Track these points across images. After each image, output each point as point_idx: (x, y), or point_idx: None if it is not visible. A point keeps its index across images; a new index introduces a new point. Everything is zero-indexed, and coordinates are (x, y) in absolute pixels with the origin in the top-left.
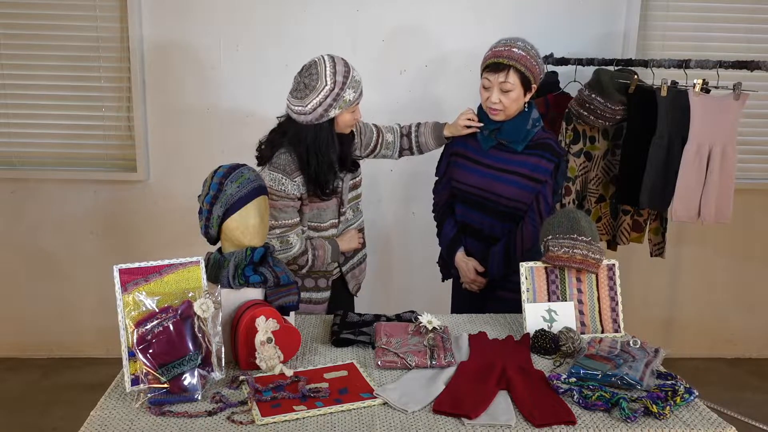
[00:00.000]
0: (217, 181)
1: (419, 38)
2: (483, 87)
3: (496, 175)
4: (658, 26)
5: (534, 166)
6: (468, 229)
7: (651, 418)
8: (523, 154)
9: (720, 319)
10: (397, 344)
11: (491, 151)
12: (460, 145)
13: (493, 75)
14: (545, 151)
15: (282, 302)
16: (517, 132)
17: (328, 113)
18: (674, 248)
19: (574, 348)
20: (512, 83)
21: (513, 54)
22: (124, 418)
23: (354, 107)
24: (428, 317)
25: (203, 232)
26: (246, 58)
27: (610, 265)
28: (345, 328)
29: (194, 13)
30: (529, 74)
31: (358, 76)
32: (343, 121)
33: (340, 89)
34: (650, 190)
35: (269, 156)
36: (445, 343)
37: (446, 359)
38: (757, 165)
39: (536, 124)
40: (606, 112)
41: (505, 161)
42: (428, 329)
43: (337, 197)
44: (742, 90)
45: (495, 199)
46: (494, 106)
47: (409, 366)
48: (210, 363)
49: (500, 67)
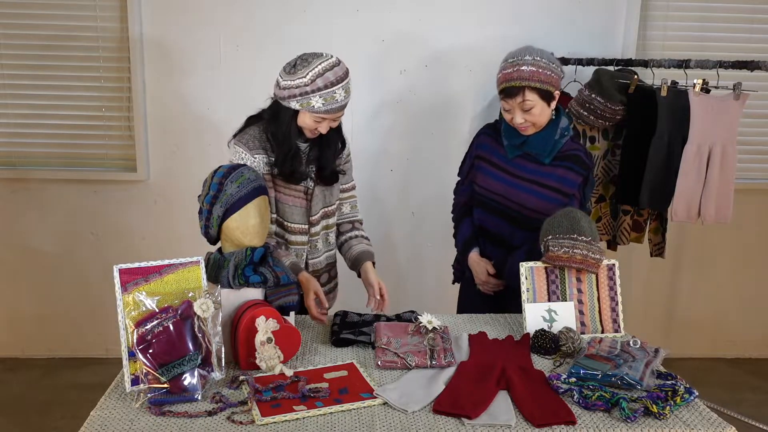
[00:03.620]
0: (217, 181)
1: (419, 38)
2: (504, 110)
3: (521, 184)
4: (658, 26)
5: (561, 179)
6: (486, 234)
7: (651, 418)
8: (551, 166)
9: (720, 319)
10: (397, 344)
11: (517, 160)
12: (486, 148)
13: (510, 99)
14: (574, 163)
15: (282, 302)
16: (544, 144)
17: (289, 102)
18: (674, 248)
19: (574, 348)
20: (532, 101)
21: (523, 74)
22: (124, 418)
23: (319, 118)
24: (428, 317)
25: (203, 232)
26: (246, 58)
27: (610, 265)
28: (345, 328)
29: (194, 13)
30: (547, 87)
31: (339, 96)
32: (302, 120)
33: (312, 91)
34: (650, 190)
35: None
36: (445, 342)
37: (446, 359)
38: (757, 165)
39: (565, 134)
40: (606, 112)
41: (531, 171)
42: (428, 329)
43: (306, 199)
44: (742, 90)
45: (517, 208)
46: (521, 126)
47: (409, 366)
48: (210, 363)
49: (515, 90)
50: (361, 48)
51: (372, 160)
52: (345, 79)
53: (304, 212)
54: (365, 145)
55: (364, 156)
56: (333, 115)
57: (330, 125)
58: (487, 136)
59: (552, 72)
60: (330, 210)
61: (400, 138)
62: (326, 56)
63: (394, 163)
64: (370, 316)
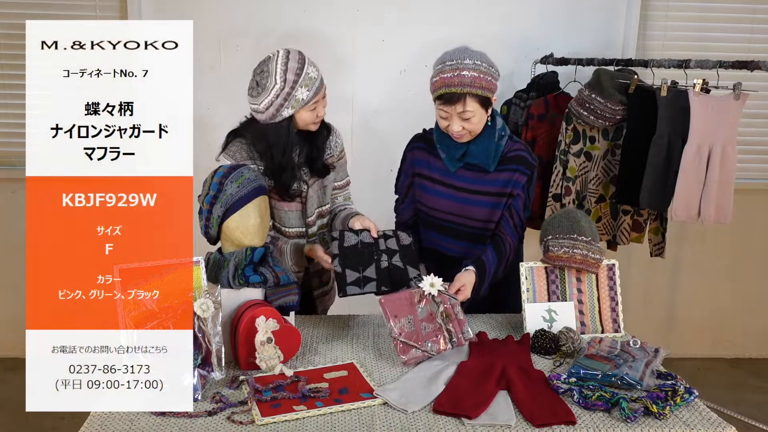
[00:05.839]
0: (217, 181)
1: (419, 38)
2: (440, 116)
3: (466, 198)
4: (658, 26)
5: (506, 182)
6: (440, 257)
7: (651, 418)
8: (495, 171)
9: (720, 319)
10: (410, 324)
11: (459, 172)
12: (422, 164)
13: (449, 106)
14: (519, 164)
15: (282, 302)
16: (486, 153)
17: (281, 113)
18: (674, 248)
19: (574, 348)
20: (472, 110)
21: (464, 79)
22: (124, 418)
23: (313, 105)
24: (429, 280)
25: (203, 232)
26: (246, 58)
27: (610, 265)
28: (347, 263)
29: (194, 13)
30: (487, 94)
31: (314, 73)
32: (301, 119)
33: (291, 88)
34: (650, 190)
35: (225, 144)
36: (456, 312)
37: (465, 336)
38: (757, 165)
39: (502, 134)
40: (606, 112)
41: (474, 181)
42: (434, 295)
43: (300, 202)
44: (742, 90)
45: (469, 223)
46: (458, 134)
47: (432, 354)
48: (210, 363)
49: (455, 97)
50: (362, 48)
51: (372, 160)
52: (304, 57)
53: (299, 216)
54: (365, 145)
55: (364, 156)
56: (320, 94)
57: (324, 106)
58: (420, 150)
59: (491, 78)
60: (324, 210)
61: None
62: (274, 55)
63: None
64: (367, 235)
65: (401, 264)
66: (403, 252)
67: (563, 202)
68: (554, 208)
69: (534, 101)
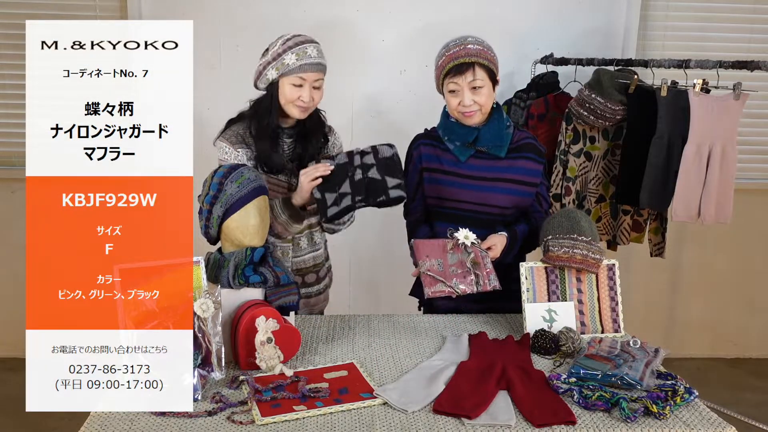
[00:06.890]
0: (217, 181)
1: (419, 38)
2: (449, 93)
3: (485, 185)
4: (658, 26)
5: (524, 170)
6: None
7: (651, 418)
8: (508, 159)
9: (720, 319)
10: (439, 266)
11: (470, 161)
12: (431, 159)
13: (459, 77)
14: (530, 152)
15: (282, 302)
16: (497, 137)
17: (266, 73)
18: (674, 248)
19: (574, 348)
20: (482, 79)
21: (471, 51)
22: (124, 418)
23: (299, 80)
24: (464, 232)
25: (203, 232)
26: (246, 58)
27: (610, 265)
28: (325, 188)
29: (194, 13)
30: (493, 66)
31: (312, 52)
32: (284, 94)
33: (283, 51)
34: (650, 190)
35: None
36: (485, 261)
37: (491, 284)
38: (757, 165)
39: (508, 124)
40: (606, 112)
41: (488, 169)
42: (466, 245)
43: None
44: (742, 90)
45: (490, 210)
46: (469, 109)
47: (457, 292)
48: (210, 363)
49: (464, 67)
50: (361, 48)
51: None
52: (315, 42)
53: None
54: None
55: None
56: (309, 74)
57: (312, 95)
58: (426, 146)
59: (494, 55)
60: (313, 208)
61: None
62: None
63: None
64: (343, 156)
65: (378, 176)
66: (381, 164)
67: (563, 202)
68: (554, 208)
69: (534, 101)
